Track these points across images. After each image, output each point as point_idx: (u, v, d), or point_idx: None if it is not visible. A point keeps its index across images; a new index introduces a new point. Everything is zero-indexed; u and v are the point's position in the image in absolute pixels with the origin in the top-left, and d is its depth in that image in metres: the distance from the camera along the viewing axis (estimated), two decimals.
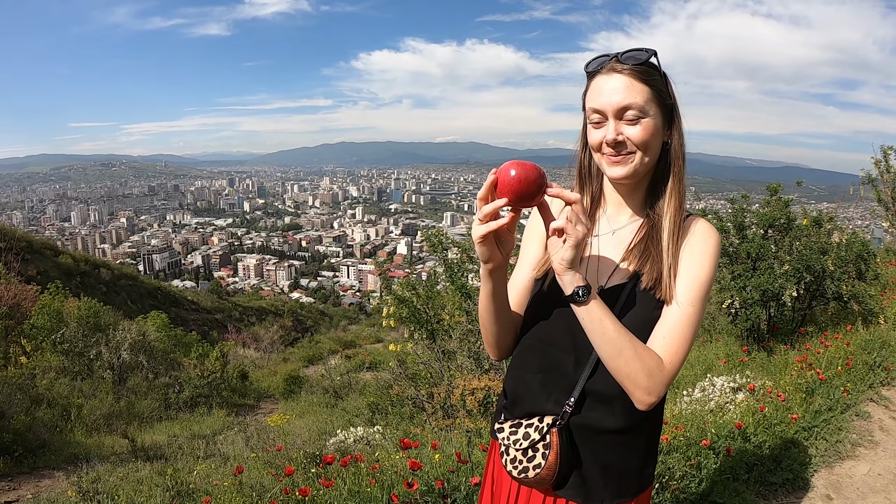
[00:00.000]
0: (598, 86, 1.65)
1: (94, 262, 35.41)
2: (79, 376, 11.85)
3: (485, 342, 1.93)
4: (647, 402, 1.57)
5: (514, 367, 1.89)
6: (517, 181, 1.44)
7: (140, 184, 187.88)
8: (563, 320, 1.72)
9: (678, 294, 1.63)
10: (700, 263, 1.66)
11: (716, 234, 1.72)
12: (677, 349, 1.60)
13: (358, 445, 6.04)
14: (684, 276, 1.64)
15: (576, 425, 1.70)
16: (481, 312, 1.82)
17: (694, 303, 1.62)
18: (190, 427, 10.45)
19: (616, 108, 1.61)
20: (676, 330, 1.61)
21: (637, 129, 1.61)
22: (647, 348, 1.58)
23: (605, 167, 1.70)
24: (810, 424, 5.11)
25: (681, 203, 1.71)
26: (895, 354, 7.00)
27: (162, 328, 16.73)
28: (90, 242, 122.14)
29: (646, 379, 1.55)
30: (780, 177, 28.72)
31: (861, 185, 15.00)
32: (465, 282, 7.45)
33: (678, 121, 1.71)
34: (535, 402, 1.78)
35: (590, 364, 1.68)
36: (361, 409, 9.77)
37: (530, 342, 1.84)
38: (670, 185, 1.72)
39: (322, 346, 23.36)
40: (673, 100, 1.69)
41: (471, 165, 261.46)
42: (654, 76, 1.63)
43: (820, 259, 7.35)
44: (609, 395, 1.65)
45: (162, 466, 6.80)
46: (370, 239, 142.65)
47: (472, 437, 4.88)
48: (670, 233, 1.68)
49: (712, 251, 1.68)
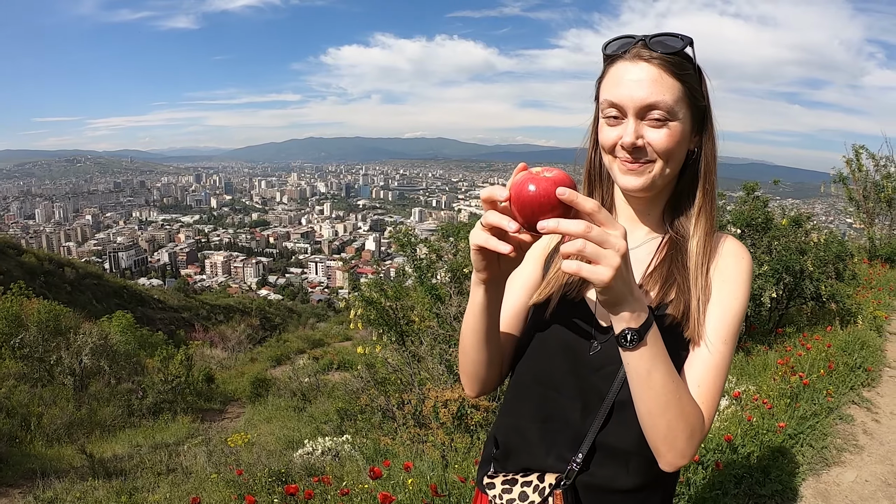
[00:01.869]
0: (619, 74, 1.35)
1: (58, 261, 35.18)
2: (39, 383, 11.53)
3: (462, 373, 1.58)
4: (677, 465, 1.30)
5: (507, 413, 1.60)
6: (538, 201, 1.10)
7: (106, 180, 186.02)
8: (567, 358, 1.45)
9: (709, 330, 1.35)
10: (733, 293, 1.39)
11: (748, 254, 1.46)
12: (713, 399, 1.34)
13: (326, 458, 5.82)
14: (715, 309, 1.37)
15: (583, 485, 1.41)
16: (465, 333, 1.48)
17: (727, 340, 1.35)
18: (153, 435, 10.17)
19: (639, 105, 1.31)
20: (711, 374, 1.33)
21: (661, 135, 1.32)
22: (694, 404, 1.30)
23: (616, 174, 1.41)
24: (796, 431, 5.01)
25: (712, 225, 1.44)
26: (874, 355, 7.04)
27: (128, 328, 16.39)
28: (55, 240, 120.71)
29: (685, 441, 1.27)
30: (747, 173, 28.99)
31: (831, 183, 15.14)
32: (434, 282, 7.25)
33: (711, 127, 1.43)
34: (532, 456, 1.48)
35: (602, 412, 1.39)
36: (330, 414, 9.58)
37: (526, 384, 1.53)
38: (698, 203, 1.44)
39: (290, 345, 23.03)
40: (706, 101, 1.41)
41: (439, 161, 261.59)
42: (687, 70, 1.34)
43: (799, 259, 7.26)
44: (625, 450, 1.39)
45: (120, 485, 6.54)
46: (338, 235, 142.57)
47: (445, 454, 4.66)
48: (699, 258, 1.40)
49: (746, 277, 1.42)
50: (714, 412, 1.34)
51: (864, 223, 14.89)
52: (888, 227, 15.20)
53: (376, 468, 3.07)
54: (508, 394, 1.60)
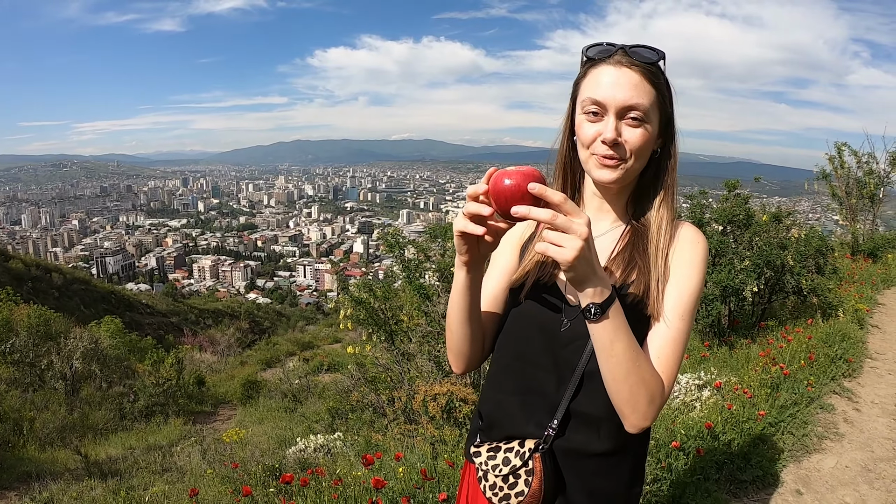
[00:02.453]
0: (603, 76, 1.49)
1: (45, 267, 35.03)
2: (30, 388, 11.56)
3: (449, 351, 1.76)
4: (640, 427, 1.45)
5: (490, 388, 1.75)
6: (512, 192, 1.28)
7: (92, 185, 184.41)
8: (542, 335, 1.60)
9: (667, 308, 1.50)
10: (689, 274, 1.54)
11: (704, 240, 1.60)
12: (671, 369, 1.49)
13: (319, 455, 5.90)
14: (673, 288, 1.52)
15: (560, 449, 1.56)
16: (450, 312, 1.66)
17: (684, 316, 1.50)
18: (146, 438, 10.23)
19: (622, 105, 1.46)
20: (669, 348, 1.49)
21: (637, 134, 1.48)
22: (653, 371, 1.45)
23: (591, 168, 1.55)
24: (777, 420, 5.10)
25: (672, 215, 1.60)
26: (855, 346, 7.15)
27: (116, 334, 16.41)
28: (41, 246, 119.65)
29: (646, 405, 1.42)
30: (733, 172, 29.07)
31: (815, 181, 15.27)
32: (422, 281, 7.32)
33: (674, 131, 1.59)
34: (514, 425, 1.63)
35: (573, 382, 1.54)
36: (321, 413, 9.63)
37: (506, 360, 1.68)
38: (661, 197, 1.61)
39: (280, 347, 23.08)
40: (672, 108, 1.56)
41: (426, 163, 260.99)
42: (660, 80, 1.50)
43: (780, 254, 7.38)
44: (595, 416, 1.53)
45: (116, 484, 6.59)
46: (326, 238, 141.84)
47: (436, 446, 4.75)
48: (659, 244, 1.56)
49: (701, 259, 1.56)
50: (673, 380, 1.49)
51: (847, 219, 15.04)
52: (871, 223, 15.37)
53: (368, 455, 3.19)
54: (491, 370, 1.75)
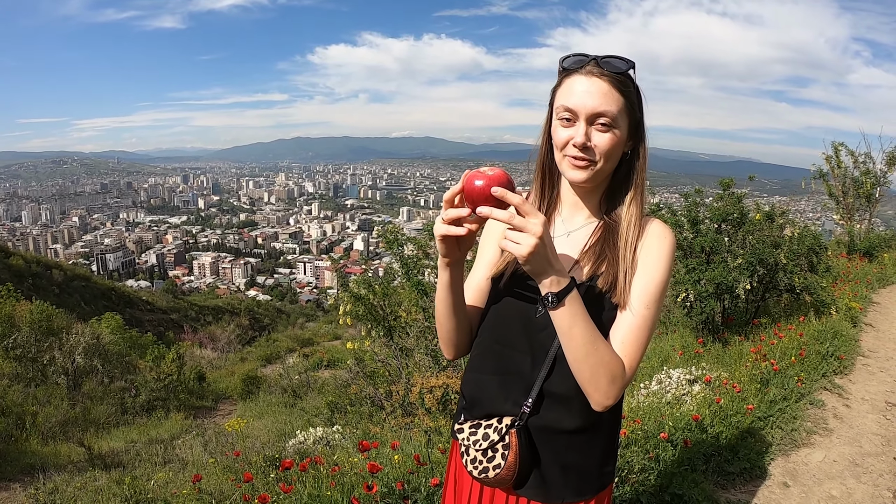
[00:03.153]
0: (575, 85, 1.62)
1: (46, 264, 35.03)
2: (32, 383, 11.62)
3: (440, 340, 1.92)
4: (604, 405, 1.58)
5: (472, 369, 1.88)
6: (480, 193, 1.42)
7: (92, 181, 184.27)
8: (519, 321, 1.73)
9: (633, 297, 1.62)
10: (655, 266, 1.65)
11: (671, 234, 1.72)
12: (635, 353, 1.61)
13: (317, 447, 5.97)
14: (640, 279, 1.64)
15: (534, 426, 1.69)
16: (438, 306, 1.82)
17: (649, 305, 1.62)
18: (147, 432, 10.29)
19: (590, 112, 1.58)
20: (633, 334, 1.61)
21: (605, 138, 1.60)
22: (613, 354, 1.57)
23: (565, 169, 1.68)
24: (766, 414, 5.19)
25: (641, 212, 1.71)
26: (847, 344, 7.22)
27: (116, 330, 16.45)
28: (42, 243, 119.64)
29: (607, 384, 1.55)
30: (733, 171, 29.20)
31: (812, 180, 15.35)
32: (421, 278, 7.42)
33: (643, 134, 1.72)
34: (493, 403, 1.77)
35: (546, 364, 1.67)
36: (320, 408, 9.69)
37: (487, 344, 1.83)
38: (631, 195, 1.72)
39: (279, 344, 23.13)
40: (641, 114, 1.69)
41: (427, 160, 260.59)
42: (629, 88, 1.62)
43: (773, 252, 7.46)
44: (566, 395, 1.65)
45: (120, 474, 6.65)
46: (326, 235, 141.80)
47: (431, 437, 4.85)
48: (628, 238, 1.67)
49: (667, 252, 1.68)
50: (637, 364, 1.62)
51: (844, 218, 15.11)
52: (867, 222, 15.45)
53: (364, 442, 3.31)
54: (473, 352, 1.89)
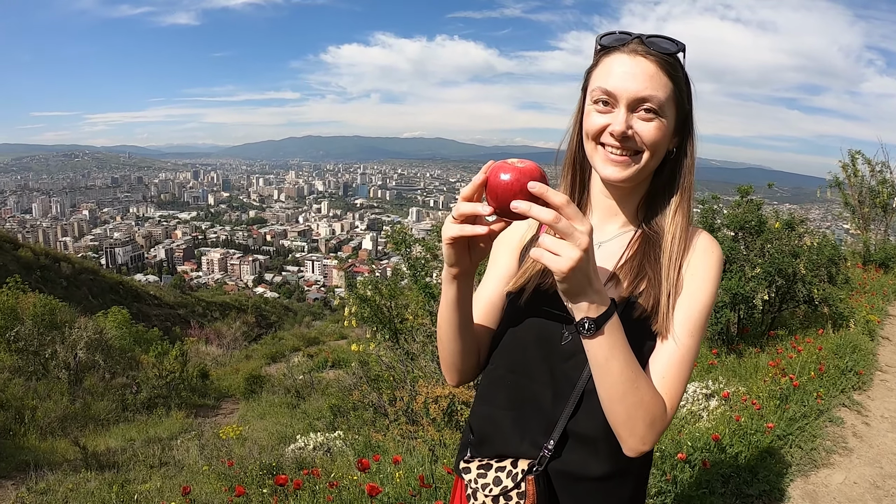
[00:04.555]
0: (615, 65, 1.38)
1: (54, 256, 35.05)
2: (34, 376, 11.53)
3: (442, 363, 1.64)
4: (639, 450, 1.34)
5: (482, 401, 1.63)
6: (507, 189, 1.18)
7: (103, 175, 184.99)
8: (540, 347, 1.48)
9: (676, 323, 1.39)
10: (702, 287, 1.42)
11: (719, 249, 1.48)
12: (677, 390, 1.37)
13: (318, 453, 5.84)
14: (684, 302, 1.40)
15: (554, 471, 1.45)
16: (441, 325, 1.54)
17: (693, 333, 1.39)
18: (147, 430, 10.20)
19: (634, 96, 1.34)
20: (676, 368, 1.37)
21: (651, 127, 1.36)
22: (654, 393, 1.33)
23: (598, 163, 1.43)
24: (785, 432, 5.02)
25: (687, 222, 1.47)
26: (866, 358, 7.05)
27: (123, 324, 16.41)
28: (51, 235, 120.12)
29: (645, 428, 1.31)
30: (745, 178, 28.95)
31: (828, 188, 15.15)
32: (428, 281, 7.25)
33: (692, 130, 1.48)
34: (507, 442, 1.51)
35: (572, 400, 1.42)
36: (323, 411, 9.58)
37: (500, 373, 1.57)
38: (676, 201, 1.48)
39: (285, 343, 23.09)
40: (690, 105, 1.46)
41: (437, 161, 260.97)
42: (678, 73, 1.40)
43: (792, 262, 7.27)
44: (594, 436, 1.41)
45: (113, 476, 6.56)
46: (335, 234, 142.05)
47: (435, 450, 4.67)
48: (673, 254, 1.43)
49: (715, 271, 1.45)
50: (678, 402, 1.38)
51: (860, 228, 14.91)
52: (883, 233, 15.23)
53: (364, 460, 3.10)
54: (483, 381, 1.63)
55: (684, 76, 1.41)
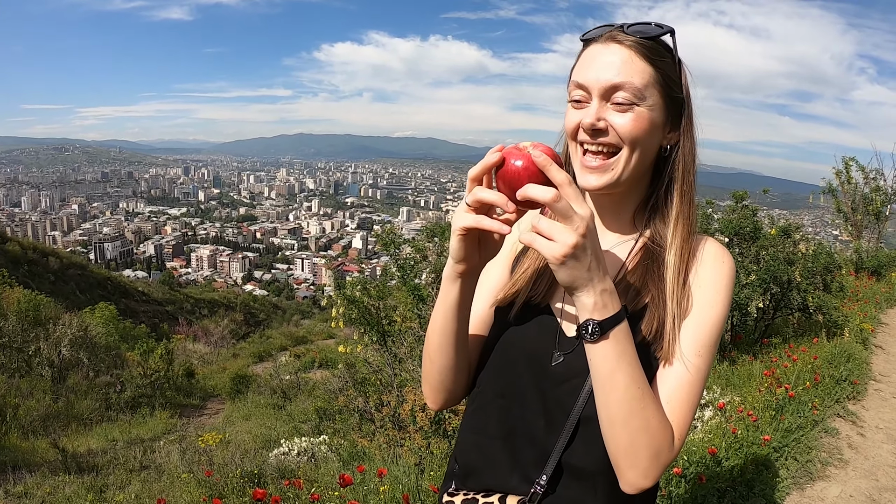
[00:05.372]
0: (590, 56, 1.25)
1: (42, 251, 35.11)
2: (16, 373, 11.42)
3: (426, 382, 1.45)
4: (639, 486, 1.16)
5: (467, 427, 1.44)
6: (516, 176, 1.06)
7: (93, 170, 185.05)
8: (530, 368, 1.31)
9: (683, 343, 1.22)
10: (711, 301, 1.26)
11: (729, 258, 1.32)
12: (686, 417, 1.20)
13: (301, 459, 5.72)
14: (692, 319, 1.24)
15: None
16: (433, 334, 1.36)
17: (702, 352, 1.22)
18: (130, 431, 10.09)
19: (605, 85, 1.21)
20: (684, 391, 1.20)
21: (626, 119, 1.21)
22: (662, 418, 1.16)
23: (577, 172, 1.29)
24: (781, 444, 4.95)
25: (690, 230, 1.31)
26: (860, 368, 7.03)
27: (110, 320, 16.31)
28: (40, 229, 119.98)
29: (648, 460, 1.14)
30: (735, 183, 29.06)
31: (821, 194, 15.15)
32: (418, 282, 7.14)
33: (690, 123, 1.31)
34: (495, 475, 1.35)
35: (567, 429, 1.25)
36: (309, 413, 9.47)
37: (488, 396, 1.39)
38: (676, 208, 1.31)
39: (273, 341, 22.98)
40: (685, 94, 1.30)
41: (429, 161, 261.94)
42: (663, 57, 1.24)
43: (787, 270, 7.20)
44: (592, 470, 1.24)
45: (92, 480, 6.43)
46: (326, 232, 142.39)
47: (423, 460, 4.55)
48: (677, 269, 1.27)
49: (726, 283, 1.29)
50: (686, 432, 1.22)
51: (852, 235, 14.91)
52: (875, 240, 15.22)
53: (346, 476, 2.94)
54: (469, 407, 1.46)
55: (673, 61, 1.27)
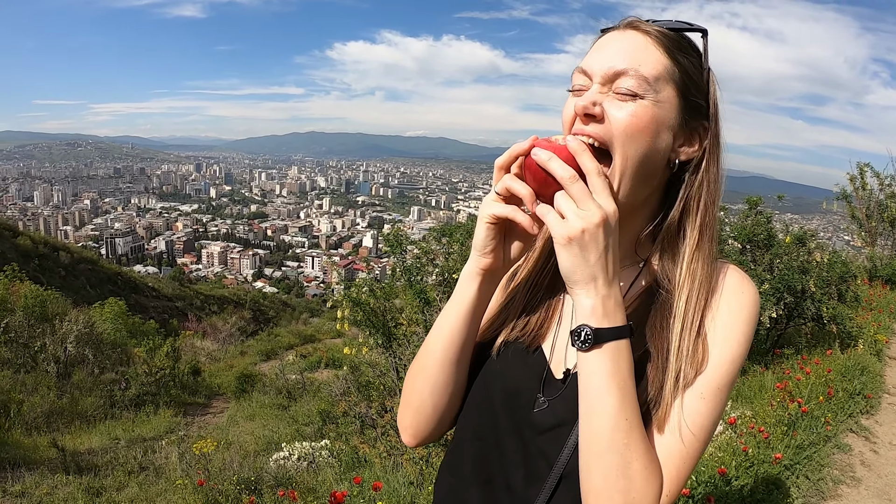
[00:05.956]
0: (601, 43, 1.08)
1: (53, 245, 35.42)
2: (22, 369, 11.34)
3: (405, 407, 1.26)
4: None
5: (445, 467, 1.29)
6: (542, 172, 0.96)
7: (105, 165, 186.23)
8: (510, 412, 1.15)
9: (687, 400, 1.03)
10: (725, 336, 1.05)
11: (751, 288, 1.11)
12: (681, 471, 1.02)
13: (301, 464, 5.63)
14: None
15: None
16: (435, 344, 1.18)
17: (708, 395, 1.03)
18: (133, 429, 10.02)
19: (607, 69, 1.03)
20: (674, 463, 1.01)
21: (625, 110, 1.01)
22: (648, 467, 0.97)
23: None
24: (792, 462, 4.82)
25: (709, 270, 1.09)
26: (874, 381, 6.86)
27: (119, 316, 16.30)
28: (52, 224, 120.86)
29: None
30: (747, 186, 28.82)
31: (835, 200, 14.97)
32: (423, 286, 7.03)
33: (716, 144, 1.11)
34: None
35: (549, 484, 1.07)
36: (312, 415, 9.39)
37: (466, 435, 1.22)
38: (692, 244, 1.10)
39: (281, 339, 22.91)
40: (711, 107, 1.09)
41: (440, 160, 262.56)
42: (686, 53, 1.07)
43: (801, 279, 7.05)
44: None
45: (90, 481, 6.37)
46: (336, 230, 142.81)
47: (423, 470, 4.44)
48: (689, 322, 1.05)
49: (745, 315, 1.08)
50: (678, 491, 1.02)
51: (866, 242, 14.72)
52: (890, 247, 15.04)
53: (338, 494, 2.82)
54: (450, 445, 1.30)
55: (700, 65, 1.08)
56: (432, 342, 1.19)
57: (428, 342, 1.20)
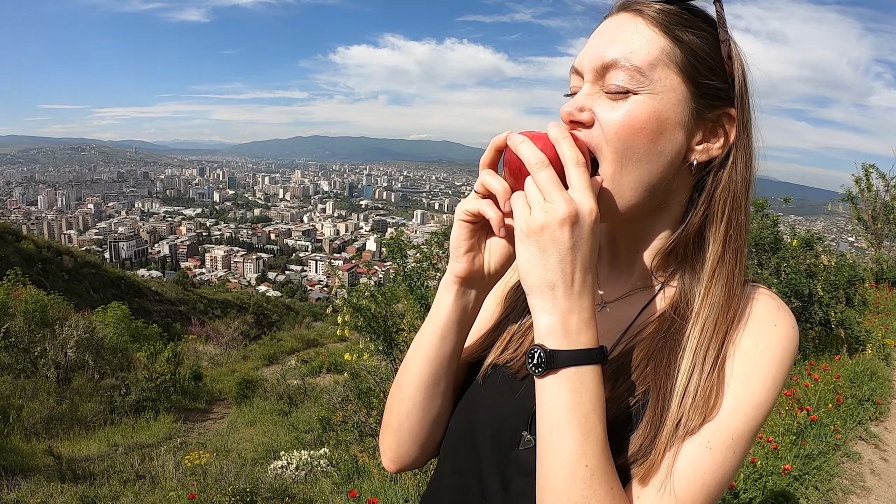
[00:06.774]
0: (594, 34, 0.94)
1: (56, 249, 35.62)
2: (22, 374, 11.32)
3: (386, 428, 1.12)
4: None
5: (426, 500, 1.14)
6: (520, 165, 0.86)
7: (109, 169, 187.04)
8: (493, 447, 0.99)
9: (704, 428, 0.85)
10: (751, 378, 0.86)
11: (788, 320, 0.91)
12: None
13: (300, 473, 5.54)
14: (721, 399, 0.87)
15: None
16: (415, 361, 1.04)
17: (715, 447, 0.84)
18: (132, 435, 9.93)
19: (594, 63, 0.90)
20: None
21: (616, 112, 0.87)
22: None
23: None
24: (801, 472, 4.71)
25: (730, 294, 0.90)
26: (883, 386, 6.75)
27: (122, 320, 16.27)
28: (56, 228, 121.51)
29: None
30: None
31: (840, 202, 14.83)
32: (424, 291, 6.95)
33: (746, 133, 0.93)
34: None
35: None
36: (312, 422, 9.31)
37: (445, 470, 1.08)
38: (712, 257, 0.92)
39: (283, 344, 22.85)
40: (737, 87, 0.91)
41: (443, 164, 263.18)
42: (691, 28, 0.89)
43: (808, 283, 6.94)
44: None
45: (85, 490, 6.30)
46: (340, 234, 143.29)
47: (421, 484, 4.35)
48: (698, 357, 0.87)
49: (776, 353, 0.88)
50: None
51: (872, 244, 14.58)
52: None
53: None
54: (432, 475, 1.14)
55: (715, 37, 0.90)
56: (409, 359, 1.07)
57: (406, 359, 1.08)
